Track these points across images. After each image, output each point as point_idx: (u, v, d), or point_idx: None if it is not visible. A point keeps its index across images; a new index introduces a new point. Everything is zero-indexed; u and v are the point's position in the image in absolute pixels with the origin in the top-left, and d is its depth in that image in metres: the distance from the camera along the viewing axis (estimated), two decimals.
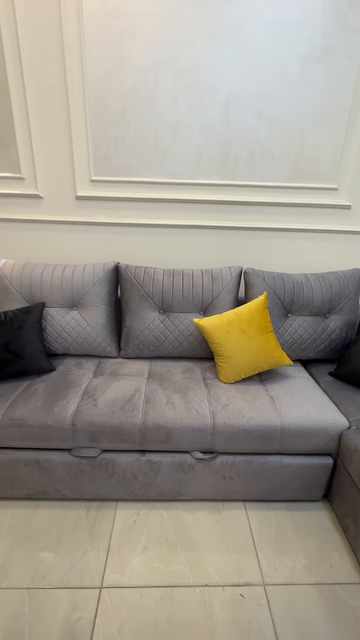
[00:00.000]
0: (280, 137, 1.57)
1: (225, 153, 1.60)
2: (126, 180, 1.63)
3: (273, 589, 1.05)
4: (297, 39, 1.42)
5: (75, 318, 1.54)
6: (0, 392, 1.31)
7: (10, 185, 1.65)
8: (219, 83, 1.49)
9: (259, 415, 1.24)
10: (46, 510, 1.28)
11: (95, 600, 1.00)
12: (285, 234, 1.70)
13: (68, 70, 1.45)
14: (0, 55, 1.43)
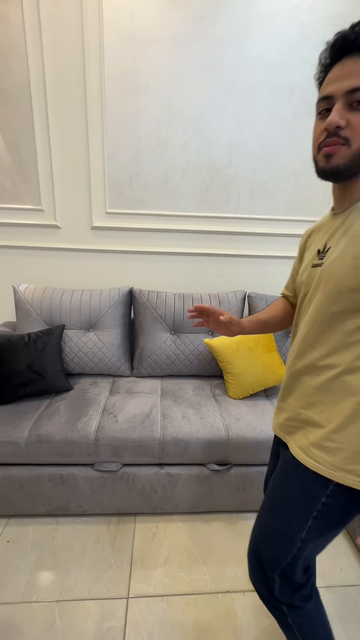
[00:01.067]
0: (276, 177, 1.77)
1: (228, 190, 1.79)
2: (139, 212, 1.79)
3: None
4: (291, 97, 1.65)
5: (92, 339, 1.64)
6: (24, 410, 1.38)
7: (31, 216, 1.78)
8: (222, 131, 1.69)
9: (269, 427, 1.34)
10: (67, 525, 1.32)
11: (124, 609, 1.05)
12: (284, 261, 1.87)
13: (89, 119, 1.63)
14: (29, 103, 1.61)
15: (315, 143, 0.62)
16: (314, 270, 0.68)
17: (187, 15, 1.54)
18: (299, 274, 0.75)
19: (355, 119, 0.55)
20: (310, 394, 0.67)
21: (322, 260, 0.65)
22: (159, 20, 1.54)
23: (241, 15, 1.55)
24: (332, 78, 0.57)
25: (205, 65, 1.60)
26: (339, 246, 0.62)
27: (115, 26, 1.54)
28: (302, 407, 0.69)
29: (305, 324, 0.68)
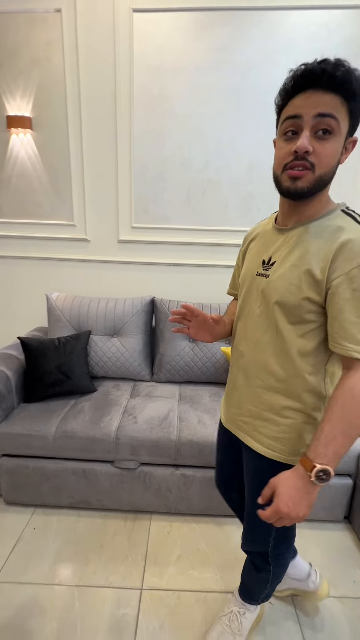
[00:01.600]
0: None
1: (248, 205, 1.86)
2: (162, 227, 1.90)
3: (299, 599, 1.13)
4: None
5: (115, 345, 1.75)
6: (53, 407, 1.50)
7: (64, 230, 1.95)
8: (242, 150, 1.78)
9: None
10: (88, 519, 1.41)
11: (137, 599, 1.11)
12: None
13: (119, 142, 1.78)
14: (66, 131, 1.79)
15: (280, 162, 0.66)
16: (259, 279, 0.74)
17: (210, 46, 1.66)
18: (241, 276, 0.82)
19: (320, 147, 0.61)
20: (259, 392, 0.75)
21: (268, 272, 0.72)
22: (184, 52, 1.67)
23: (261, 45, 1.65)
24: (300, 104, 0.62)
25: (226, 90, 1.71)
26: (285, 264, 0.69)
27: (144, 59, 1.70)
28: (254, 404, 0.77)
29: (252, 330, 0.75)
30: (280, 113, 0.67)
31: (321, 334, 0.68)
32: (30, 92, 1.78)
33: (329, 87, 0.58)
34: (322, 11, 1.60)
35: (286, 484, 0.63)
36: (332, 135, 0.61)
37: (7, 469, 1.41)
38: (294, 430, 0.73)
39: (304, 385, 0.70)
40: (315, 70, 0.59)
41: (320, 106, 0.59)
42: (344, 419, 0.60)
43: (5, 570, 1.18)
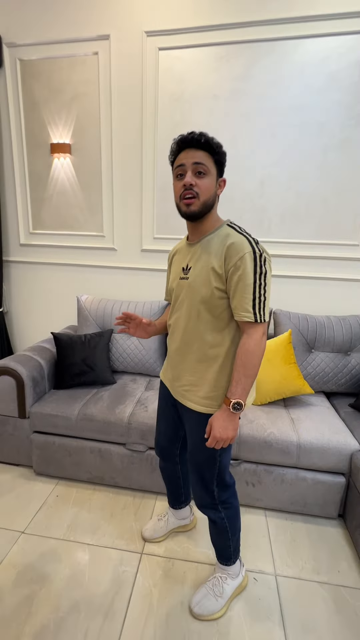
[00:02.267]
0: (307, 205, 1.93)
1: (261, 217, 1.99)
2: (181, 237, 2.09)
3: (283, 580, 1.23)
4: (320, 134, 1.83)
5: (134, 343, 1.96)
6: (77, 394, 1.73)
7: (94, 240, 2.21)
8: (255, 166, 1.93)
9: (279, 431, 1.48)
10: (102, 493, 1.61)
11: (137, 561, 1.28)
12: (311, 281, 1.99)
13: (144, 163, 2.01)
14: (99, 154, 2.05)
15: (177, 194, 0.94)
16: (182, 282, 1.00)
17: (227, 76, 1.84)
18: (170, 283, 1.09)
19: (199, 182, 0.90)
20: (192, 366, 1.01)
21: (187, 275, 0.99)
22: (203, 83, 1.87)
23: (275, 72, 1.79)
24: (182, 157, 0.92)
25: (241, 114, 1.87)
26: (197, 267, 0.97)
27: (167, 90, 1.91)
28: (191, 374, 1.02)
29: (183, 319, 1.00)
30: (173, 165, 0.96)
31: (228, 313, 0.94)
32: (70, 122, 2.07)
33: (198, 146, 0.90)
34: (332, 37, 1.71)
35: (217, 418, 0.93)
36: (206, 175, 0.91)
37: (38, 443, 1.66)
38: (218, 388, 0.98)
39: (223, 352, 0.97)
40: (189, 137, 0.91)
41: (195, 158, 0.90)
42: (244, 367, 0.90)
43: (31, 525, 1.41)
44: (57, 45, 1.98)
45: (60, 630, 1.05)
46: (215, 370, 0.98)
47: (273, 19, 1.72)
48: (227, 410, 0.92)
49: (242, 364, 0.90)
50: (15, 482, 1.65)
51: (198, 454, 1.04)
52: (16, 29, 2.00)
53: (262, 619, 1.10)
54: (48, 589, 1.17)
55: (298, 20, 1.71)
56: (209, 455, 1.02)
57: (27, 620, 1.08)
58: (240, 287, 0.89)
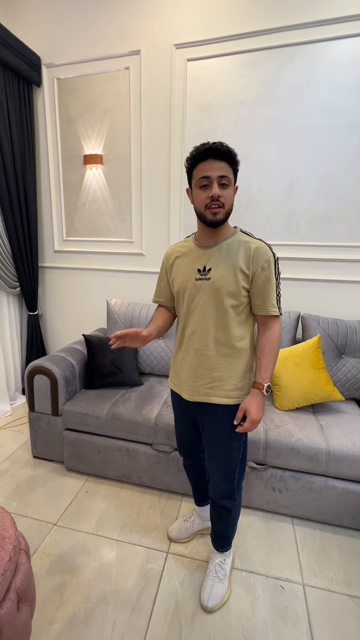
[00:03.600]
0: (337, 207, 1.89)
1: (288, 220, 1.98)
2: None
3: (311, 590, 1.20)
4: (350, 135, 1.79)
5: (160, 345, 2.00)
6: (106, 395, 1.80)
7: (123, 246, 2.29)
8: (283, 170, 1.92)
9: (307, 437, 1.45)
10: (129, 491, 1.65)
11: (163, 559, 1.30)
12: (341, 285, 1.94)
13: (171, 172, 2.07)
14: (129, 165, 2.13)
15: (202, 204, 0.98)
16: (200, 283, 1.03)
17: (254, 82, 1.86)
18: (178, 285, 1.08)
19: (224, 193, 0.96)
20: (217, 361, 1.04)
21: (208, 276, 1.02)
22: (230, 90, 1.90)
23: (304, 75, 1.79)
24: (206, 168, 0.95)
25: (268, 119, 1.88)
26: (220, 268, 1.01)
27: (195, 99, 1.96)
28: (216, 371, 1.05)
29: (202, 318, 1.03)
30: (191, 171, 0.99)
31: (247, 309, 1.04)
32: (103, 135, 2.17)
33: (221, 157, 0.94)
34: None
35: (252, 403, 1.01)
36: (229, 186, 0.97)
37: (69, 440, 1.74)
38: (245, 378, 1.06)
39: (248, 345, 1.06)
40: (212, 148, 0.94)
41: (219, 170, 0.94)
42: (272, 354, 1.02)
43: (63, 518, 1.48)
44: (91, 63, 2.09)
45: (89, 619, 1.10)
46: (244, 363, 1.06)
47: (299, 23, 1.72)
48: (261, 394, 1.01)
49: (271, 351, 1.02)
50: (48, 476, 1.74)
51: (227, 446, 1.08)
52: (53, 50, 2.14)
53: (289, 628, 1.09)
54: (78, 579, 1.22)
55: (325, 23, 1.70)
56: (236, 444, 1.08)
57: (59, 607, 1.13)
58: (267, 287, 1.01)
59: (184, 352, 1.10)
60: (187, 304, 1.07)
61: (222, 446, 1.09)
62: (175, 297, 1.12)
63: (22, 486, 1.66)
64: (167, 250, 1.15)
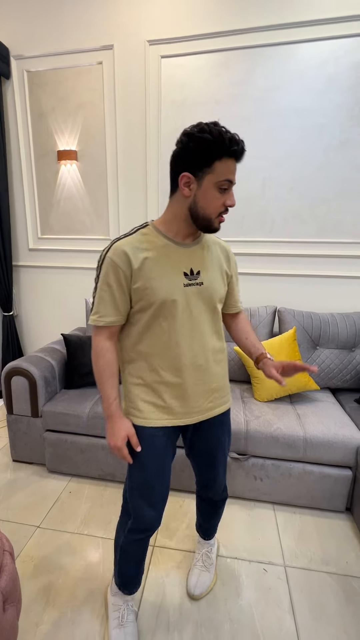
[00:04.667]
0: (310, 205, 1.97)
1: (263, 218, 2.03)
2: None
3: (292, 570, 1.26)
4: (320, 136, 1.86)
5: None
6: (87, 394, 1.78)
7: (100, 244, 2.26)
8: (257, 169, 1.97)
9: (285, 426, 1.51)
10: (114, 489, 1.65)
11: (150, 553, 1.32)
12: (314, 280, 2.03)
13: (148, 169, 2.07)
14: (104, 161, 2.11)
15: (215, 211, 0.82)
16: (192, 288, 0.87)
17: (227, 81, 1.89)
18: (164, 294, 0.84)
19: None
20: (215, 372, 0.96)
21: (199, 280, 0.88)
22: (204, 88, 1.92)
23: (274, 76, 1.84)
24: (232, 169, 0.80)
25: (242, 118, 1.92)
26: (209, 270, 0.91)
27: (169, 96, 1.97)
28: (215, 381, 0.97)
29: (195, 331, 0.89)
30: (212, 162, 0.78)
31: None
32: (77, 130, 2.13)
33: (240, 159, 0.81)
34: (330, 41, 1.75)
35: (272, 367, 0.92)
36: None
37: (50, 441, 1.71)
38: (227, 378, 1.04)
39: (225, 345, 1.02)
40: (241, 149, 0.79)
41: (235, 174, 0.82)
42: (253, 331, 1.08)
43: (46, 520, 1.46)
44: (63, 57, 2.04)
45: (77, 618, 1.10)
46: (226, 363, 1.03)
47: (271, 25, 1.77)
48: (270, 361, 0.96)
49: (252, 329, 1.09)
50: (29, 479, 1.70)
51: (226, 448, 1.08)
52: (23, 41, 2.07)
53: (272, 607, 1.14)
54: (65, 579, 1.22)
55: (295, 26, 1.75)
56: (231, 441, 1.11)
57: (45, 608, 1.12)
58: (236, 284, 1.05)
59: (176, 374, 0.90)
60: (178, 316, 0.87)
61: (223, 450, 1.06)
62: (150, 309, 0.85)
63: (1, 491, 1.62)
64: (117, 247, 0.83)
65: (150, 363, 0.89)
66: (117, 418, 0.89)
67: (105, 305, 0.86)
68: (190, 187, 0.81)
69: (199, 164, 0.78)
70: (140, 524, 0.97)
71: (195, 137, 0.78)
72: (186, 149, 0.79)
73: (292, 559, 1.30)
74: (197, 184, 0.80)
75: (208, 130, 0.77)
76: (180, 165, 0.81)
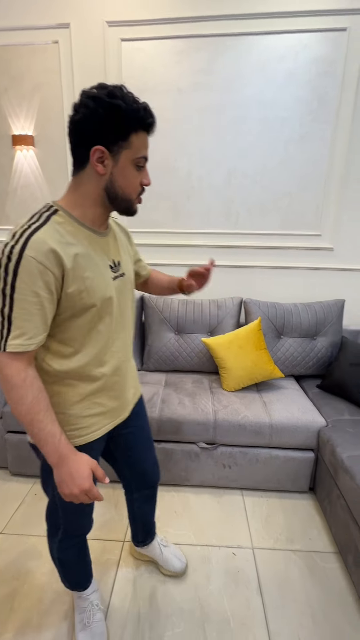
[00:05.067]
0: (273, 197, 2.00)
1: (228, 209, 2.05)
2: (151, 230, 2.10)
3: (260, 552, 1.30)
4: (282, 129, 1.90)
5: None
6: None
7: None
8: (222, 160, 1.97)
9: (252, 414, 1.55)
10: None
11: (120, 549, 1.30)
12: (278, 271, 2.08)
13: None
14: (63, 145, 2.01)
15: (135, 191, 0.75)
16: (119, 281, 0.80)
17: (190, 69, 1.86)
18: (101, 295, 0.73)
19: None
20: (134, 368, 0.97)
21: (122, 271, 0.82)
22: (166, 75, 1.88)
23: (237, 67, 1.84)
24: (147, 144, 0.73)
25: (206, 107, 1.90)
26: (124, 259, 0.84)
27: (131, 82, 1.90)
28: (134, 379, 0.98)
29: (126, 325, 0.85)
30: (127, 134, 0.68)
31: None
32: (33, 113, 2.01)
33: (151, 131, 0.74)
34: (290, 35, 1.78)
35: (188, 279, 1.03)
36: None
37: (12, 443, 1.62)
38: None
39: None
40: (154, 120, 0.71)
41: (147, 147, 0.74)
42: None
43: (10, 524, 1.39)
44: (15, 32, 1.90)
45: (44, 622, 1.06)
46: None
47: (232, 14, 1.76)
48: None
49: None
50: None
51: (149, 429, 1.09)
52: None
53: (241, 589, 1.17)
54: (30, 584, 1.17)
55: (256, 17, 1.76)
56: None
57: (10, 615, 1.07)
58: (139, 254, 1.03)
59: (116, 373, 0.84)
60: (113, 314, 0.78)
61: (148, 425, 1.09)
62: (84, 315, 0.73)
63: None
64: (39, 242, 0.64)
65: (87, 374, 0.77)
66: (72, 455, 0.70)
67: (33, 321, 0.65)
68: (104, 164, 0.69)
69: (114, 137, 0.67)
70: (74, 532, 0.94)
71: (105, 103, 0.65)
72: (94, 116, 0.65)
73: (259, 541, 1.35)
74: (112, 160, 0.69)
75: (120, 97, 0.65)
76: (88, 136, 0.67)
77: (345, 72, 1.79)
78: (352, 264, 2.05)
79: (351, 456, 1.28)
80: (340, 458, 1.30)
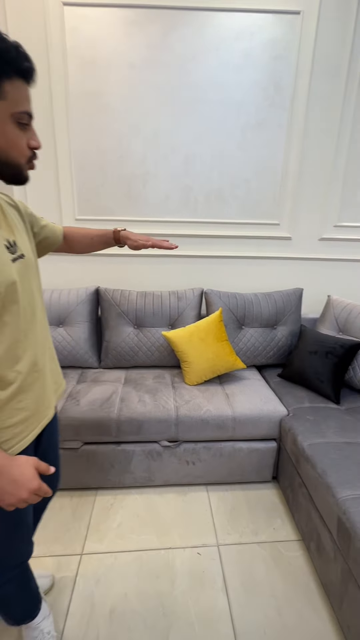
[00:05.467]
0: (230, 185, 1.95)
1: (187, 196, 1.96)
2: (106, 218, 1.96)
3: (225, 548, 1.27)
4: (238, 114, 1.84)
5: (61, 334, 1.80)
6: None
7: None
8: (179, 144, 1.88)
9: (215, 408, 1.51)
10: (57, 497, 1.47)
11: (77, 563, 1.20)
12: (238, 261, 2.05)
13: (57, 138, 1.81)
14: None
15: (23, 154, 0.64)
16: (19, 264, 0.68)
17: (142, 43, 1.73)
18: (5, 276, 0.63)
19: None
20: (53, 354, 0.85)
21: (22, 252, 0.69)
22: (116, 48, 1.73)
23: (192, 45, 1.74)
24: (28, 96, 0.62)
25: (160, 86, 1.79)
26: (20, 238, 0.71)
27: (77, 53, 1.73)
28: (55, 372, 0.86)
29: (39, 308, 0.75)
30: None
31: None
32: None
33: (32, 81, 0.62)
34: (245, 14, 1.71)
35: (134, 236, 1.00)
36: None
37: None
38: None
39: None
40: (32, 66, 0.60)
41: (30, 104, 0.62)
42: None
43: None
44: None
45: None
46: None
47: None
48: (126, 230, 0.99)
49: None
50: None
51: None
52: None
53: (206, 590, 1.13)
54: None
55: None
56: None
57: None
58: (45, 220, 0.87)
59: (34, 369, 0.73)
60: (20, 302, 0.67)
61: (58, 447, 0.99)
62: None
63: None
64: None
65: (0, 377, 0.65)
66: (8, 462, 0.63)
67: None
68: None
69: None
70: (10, 562, 0.82)
71: None
72: None
73: (224, 537, 1.32)
74: None
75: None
76: None
77: (300, 57, 1.77)
78: (309, 252, 2.07)
79: (312, 444, 1.28)
80: (301, 447, 1.30)
